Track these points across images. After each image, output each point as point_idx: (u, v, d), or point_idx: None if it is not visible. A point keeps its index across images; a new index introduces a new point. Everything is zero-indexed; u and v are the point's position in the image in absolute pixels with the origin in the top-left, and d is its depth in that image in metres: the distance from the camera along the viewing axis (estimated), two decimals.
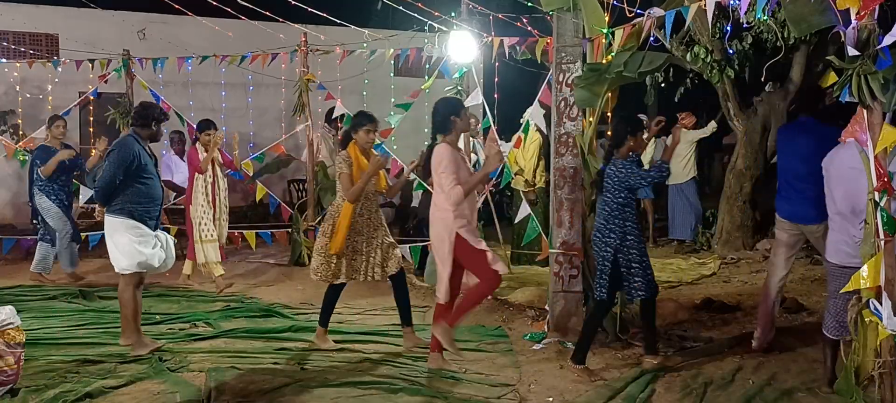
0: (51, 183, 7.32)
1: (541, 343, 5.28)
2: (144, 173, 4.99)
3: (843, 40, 3.76)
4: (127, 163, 4.91)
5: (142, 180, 4.98)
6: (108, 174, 4.91)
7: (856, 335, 3.90)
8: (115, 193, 4.94)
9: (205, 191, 7.09)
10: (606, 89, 5.28)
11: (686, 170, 9.61)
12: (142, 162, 4.99)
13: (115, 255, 5.00)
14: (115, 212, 4.95)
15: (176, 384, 4.35)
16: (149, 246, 4.98)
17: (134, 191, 4.95)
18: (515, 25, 7.83)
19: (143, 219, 4.98)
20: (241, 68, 9.28)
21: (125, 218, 4.93)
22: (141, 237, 4.96)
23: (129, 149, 4.96)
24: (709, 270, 8.14)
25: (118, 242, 4.96)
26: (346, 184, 4.99)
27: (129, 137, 5.10)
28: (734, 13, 6.55)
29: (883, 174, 3.70)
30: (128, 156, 4.93)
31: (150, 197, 5.03)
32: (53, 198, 7.32)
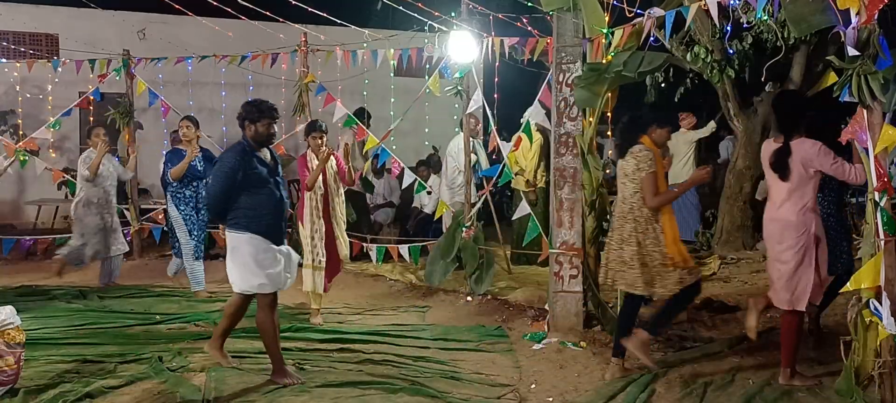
0: (183, 189, 6.88)
1: (541, 343, 5.28)
2: (253, 181, 4.42)
3: (843, 40, 3.76)
4: (227, 173, 4.37)
5: (252, 189, 4.42)
6: (212, 186, 4.46)
7: (856, 335, 3.90)
8: (228, 206, 4.43)
9: (315, 206, 6.04)
10: (606, 89, 5.28)
11: (686, 170, 9.61)
12: (249, 169, 4.41)
13: (233, 273, 4.49)
14: (233, 226, 4.44)
15: (176, 384, 4.35)
16: (272, 264, 4.44)
17: (246, 201, 4.41)
18: (515, 25, 7.82)
19: (262, 233, 4.42)
20: (241, 68, 9.28)
21: (242, 232, 4.40)
22: (263, 253, 4.42)
23: (229, 158, 4.42)
24: (709, 270, 8.13)
25: (236, 259, 4.45)
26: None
27: (237, 143, 4.57)
28: (734, 13, 6.55)
29: (883, 174, 3.70)
30: (226, 168, 4.38)
31: (265, 207, 4.45)
32: (182, 208, 6.89)
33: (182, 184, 6.87)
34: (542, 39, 6.86)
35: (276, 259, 4.46)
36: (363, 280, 7.88)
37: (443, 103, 9.56)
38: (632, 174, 4.45)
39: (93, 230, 7.15)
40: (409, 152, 10.75)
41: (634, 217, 4.44)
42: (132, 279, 7.77)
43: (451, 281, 7.11)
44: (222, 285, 7.46)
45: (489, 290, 6.82)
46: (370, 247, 8.20)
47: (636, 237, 4.42)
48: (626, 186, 4.50)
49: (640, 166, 4.41)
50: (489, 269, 6.81)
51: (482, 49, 7.03)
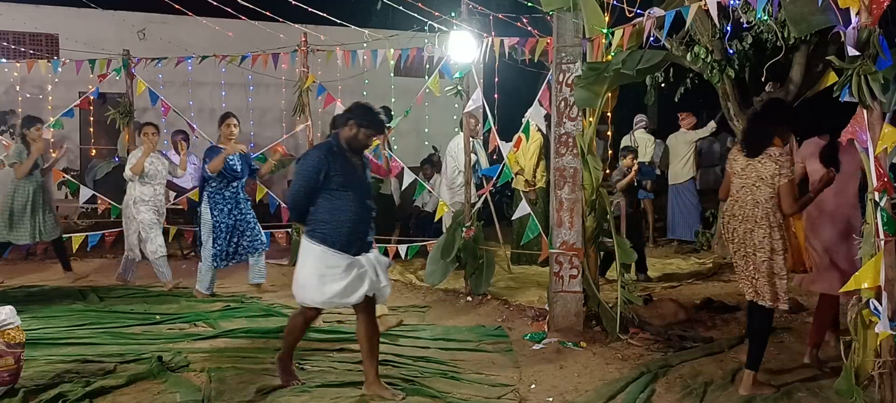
0: (222, 189, 6.71)
1: (541, 343, 5.28)
2: (336, 185, 4.09)
3: (843, 40, 3.76)
4: (309, 172, 4.07)
5: (333, 194, 4.09)
6: (293, 185, 4.18)
7: (856, 335, 3.90)
8: (307, 210, 4.14)
9: None
10: (606, 89, 5.28)
11: (686, 170, 9.62)
12: (333, 171, 4.08)
13: (296, 282, 4.24)
14: (309, 234, 4.14)
15: (176, 384, 4.35)
16: (336, 280, 4.08)
17: (325, 207, 4.08)
18: (515, 25, 7.83)
19: (338, 244, 4.08)
20: (240, 68, 9.28)
21: (315, 243, 4.10)
22: (330, 268, 4.08)
23: (312, 158, 4.12)
24: (709, 270, 8.15)
25: (302, 268, 4.17)
26: None
27: (325, 141, 4.31)
28: (734, 13, 6.55)
29: (883, 174, 3.70)
30: (310, 166, 4.08)
31: (345, 215, 4.09)
32: (216, 213, 6.71)
33: (220, 184, 6.70)
34: (542, 39, 6.86)
35: (343, 274, 4.09)
36: None
37: (443, 103, 9.56)
38: (770, 178, 4.15)
39: (150, 224, 7.09)
40: (409, 152, 10.75)
41: (768, 223, 4.16)
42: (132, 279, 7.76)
43: (451, 281, 7.11)
44: (222, 284, 7.48)
45: (489, 290, 6.82)
46: None
47: (768, 244, 4.18)
48: (760, 190, 4.19)
49: (781, 171, 4.13)
50: (489, 269, 6.81)
51: (482, 49, 7.04)
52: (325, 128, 10.66)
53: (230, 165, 6.70)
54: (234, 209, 6.81)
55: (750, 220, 4.23)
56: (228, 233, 6.78)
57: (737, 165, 4.35)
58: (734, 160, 4.38)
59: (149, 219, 7.13)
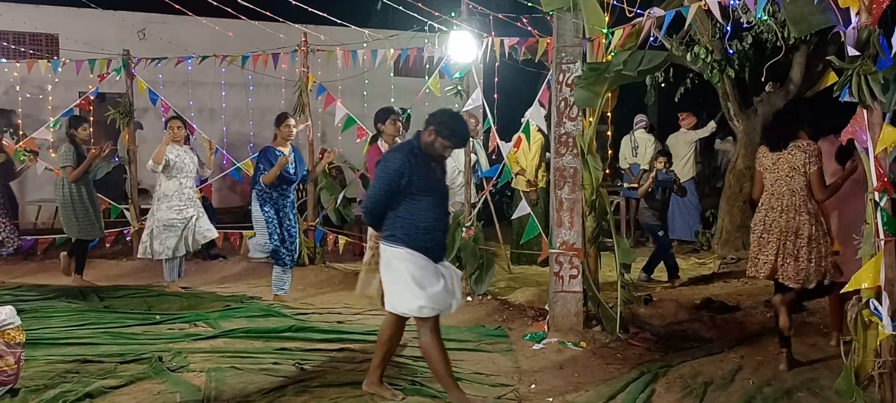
0: (270, 190, 6.55)
1: (541, 343, 5.28)
2: (418, 189, 3.93)
3: (843, 40, 3.76)
4: (392, 175, 3.90)
5: (415, 198, 3.92)
6: (374, 188, 4.00)
7: (856, 335, 3.90)
8: (384, 214, 3.98)
9: None
10: (606, 89, 5.28)
11: (685, 170, 9.62)
12: (415, 174, 3.92)
13: (390, 292, 4.06)
14: (389, 239, 3.97)
15: (176, 384, 4.35)
16: (433, 283, 3.93)
17: (406, 211, 3.92)
18: (515, 25, 7.82)
19: (421, 248, 3.93)
20: (240, 68, 9.28)
21: (398, 247, 3.92)
22: (422, 271, 3.93)
23: (396, 159, 3.95)
24: (708, 270, 8.15)
25: (392, 277, 4.00)
26: None
27: (407, 142, 4.11)
28: (734, 13, 6.55)
29: (883, 174, 3.70)
30: (391, 169, 3.91)
31: (427, 220, 3.95)
32: (267, 208, 6.56)
33: (270, 186, 6.55)
34: (542, 39, 6.86)
35: (437, 277, 3.95)
36: None
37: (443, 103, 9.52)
38: (801, 167, 4.52)
39: (162, 225, 6.99)
40: None
41: (807, 209, 4.53)
42: (132, 279, 7.77)
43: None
44: (222, 284, 7.49)
45: (489, 290, 6.82)
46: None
47: (809, 230, 4.51)
48: (794, 179, 4.55)
49: (810, 160, 4.51)
50: (489, 269, 6.81)
51: (482, 49, 7.04)
52: (325, 128, 10.72)
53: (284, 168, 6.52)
54: (283, 209, 6.67)
55: (790, 209, 4.55)
56: (283, 230, 6.64)
57: (766, 161, 4.67)
58: (763, 157, 4.70)
59: (166, 219, 6.99)
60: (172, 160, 6.95)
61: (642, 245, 9.91)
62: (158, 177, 7.06)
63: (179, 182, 7.04)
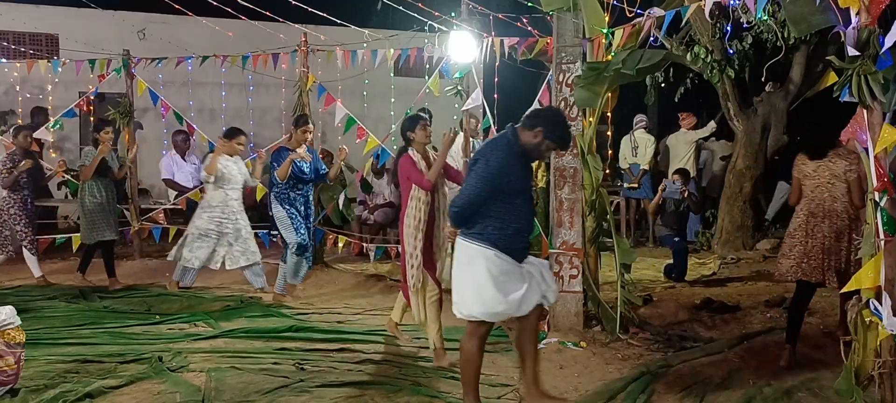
0: (288, 190, 6.57)
1: (541, 343, 5.26)
2: (514, 188, 3.78)
3: (843, 40, 3.76)
4: (495, 173, 3.70)
5: (509, 197, 3.75)
6: (472, 185, 3.72)
7: (856, 335, 3.90)
8: (475, 213, 3.74)
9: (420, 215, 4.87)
10: (606, 89, 5.28)
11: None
12: (513, 173, 3.77)
13: (462, 293, 3.83)
14: (475, 237, 3.75)
15: (176, 384, 4.35)
16: (514, 288, 3.76)
17: (498, 210, 3.73)
18: (515, 25, 7.82)
19: (508, 249, 3.76)
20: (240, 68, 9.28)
21: (484, 246, 3.72)
22: (505, 275, 3.75)
23: (499, 156, 3.73)
24: (709, 270, 8.15)
25: (471, 276, 3.78)
26: None
27: (503, 137, 3.86)
28: (734, 13, 6.55)
29: (883, 174, 3.70)
30: (494, 167, 3.70)
31: (518, 220, 3.80)
32: (287, 206, 6.57)
33: (286, 186, 6.54)
34: (542, 39, 6.85)
35: (521, 281, 3.79)
36: (363, 280, 7.87)
37: (443, 103, 9.56)
38: (842, 174, 4.69)
39: (196, 234, 6.91)
40: None
41: (848, 215, 4.70)
42: (132, 279, 7.77)
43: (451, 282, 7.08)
44: (222, 284, 7.48)
45: None
46: (369, 247, 8.20)
47: (850, 235, 4.69)
48: (835, 186, 4.72)
49: (851, 167, 4.65)
50: None
51: (482, 49, 7.04)
52: (326, 129, 10.72)
53: (296, 166, 6.51)
54: (300, 207, 6.64)
55: (832, 215, 4.73)
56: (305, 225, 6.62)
57: (807, 168, 4.84)
58: (803, 164, 4.85)
59: (203, 228, 6.91)
60: (221, 170, 6.86)
61: (642, 245, 9.92)
62: (207, 186, 7.03)
63: (225, 193, 6.93)
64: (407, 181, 4.88)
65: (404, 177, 4.90)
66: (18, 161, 7.31)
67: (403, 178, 4.91)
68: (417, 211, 4.83)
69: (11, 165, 7.29)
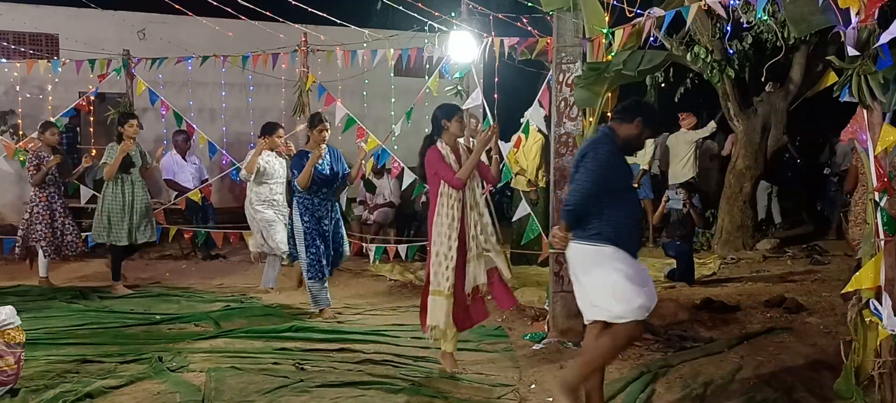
0: (311, 196, 6.06)
1: (541, 343, 5.28)
2: (621, 184, 3.76)
3: (843, 40, 3.76)
4: (602, 167, 3.63)
5: (618, 193, 3.70)
6: (583, 183, 3.65)
7: (856, 335, 3.90)
8: (588, 212, 3.66)
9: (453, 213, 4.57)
10: (606, 89, 5.28)
11: (685, 170, 9.62)
12: (619, 168, 3.77)
13: (595, 298, 3.73)
14: (593, 238, 3.66)
15: (176, 384, 4.35)
16: (646, 281, 3.73)
17: (610, 207, 3.66)
18: (515, 25, 7.83)
19: (625, 247, 3.69)
20: (240, 68, 9.28)
21: (606, 245, 3.64)
22: (634, 269, 3.69)
23: (604, 151, 3.69)
24: (709, 270, 8.14)
25: (605, 279, 3.67)
26: None
27: (603, 135, 3.82)
28: (734, 13, 6.55)
29: (883, 174, 3.70)
30: (604, 162, 3.65)
31: (630, 217, 3.75)
32: (307, 218, 6.08)
33: (309, 190, 6.04)
34: (542, 39, 6.86)
35: (645, 271, 3.77)
36: (363, 279, 7.88)
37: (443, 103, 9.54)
38: None
39: (269, 221, 6.88)
40: (409, 152, 10.74)
41: None
42: (133, 279, 7.76)
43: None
44: (222, 284, 7.48)
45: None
46: (369, 247, 8.20)
47: None
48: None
49: None
50: None
51: (482, 49, 7.04)
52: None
53: (319, 169, 6.06)
54: (325, 218, 6.17)
55: None
56: (323, 241, 6.13)
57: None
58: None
59: (270, 216, 6.91)
60: (263, 166, 6.82)
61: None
62: (249, 185, 6.96)
63: (270, 187, 6.93)
64: (434, 176, 4.56)
65: (432, 172, 4.58)
66: (45, 158, 7.25)
67: (430, 173, 4.60)
68: (450, 209, 4.51)
69: (38, 162, 7.23)
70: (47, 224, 7.33)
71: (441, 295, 4.49)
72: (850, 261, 7.65)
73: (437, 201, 4.55)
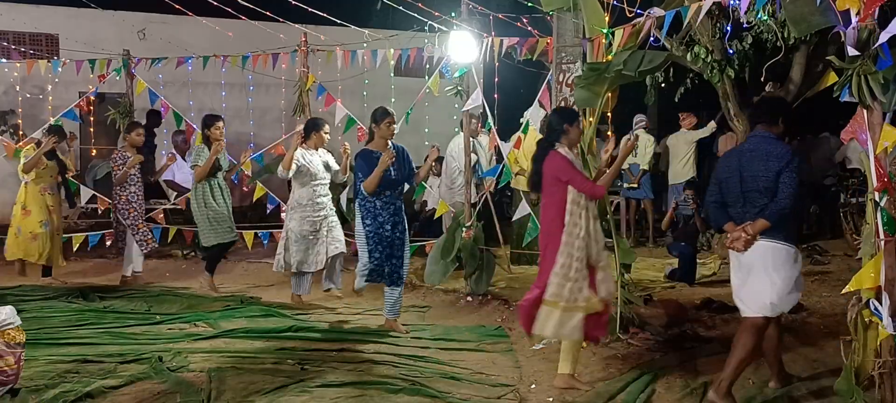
0: (374, 198, 5.49)
1: (541, 343, 5.27)
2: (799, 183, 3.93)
3: (843, 40, 3.76)
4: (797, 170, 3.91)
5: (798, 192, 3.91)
6: (795, 186, 3.87)
7: (856, 335, 3.90)
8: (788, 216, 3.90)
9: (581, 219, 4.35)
10: (606, 89, 5.28)
11: (685, 170, 9.62)
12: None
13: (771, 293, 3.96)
14: (785, 239, 3.96)
15: (176, 384, 4.35)
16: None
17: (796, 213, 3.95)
18: (515, 25, 7.83)
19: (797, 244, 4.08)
20: (240, 68, 9.28)
21: (791, 246, 3.99)
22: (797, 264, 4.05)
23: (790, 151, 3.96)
24: (709, 270, 8.14)
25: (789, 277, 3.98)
26: None
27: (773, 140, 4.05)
28: (734, 13, 6.55)
29: (883, 174, 3.70)
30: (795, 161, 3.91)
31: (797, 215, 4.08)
32: (368, 222, 5.52)
33: (372, 194, 5.50)
34: (542, 39, 6.86)
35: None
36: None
37: (443, 103, 9.56)
38: None
39: (294, 236, 6.37)
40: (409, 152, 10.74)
41: None
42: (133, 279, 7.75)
43: (451, 281, 7.10)
44: (222, 284, 7.47)
45: (489, 290, 6.82)
46: None
47: None
48: None
49: None
50: (489, 269, 6.81)
51: (482, 49, 7.03)
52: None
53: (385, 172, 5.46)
54: (387, 221, 5.57)
55: None
56: (387, 245, 5.56)
57: None
58: None
59: (296, 230, 6.35)
60: (302, 165, 6.26)
61: (642, 245, 9.91)
62: (292, 184, 6.46)
63: (312, 189, 6.36)
64: (557, 182, 4.34)
65: (555, 179, 4.35)
66: (129, 158, 7.36)
67: (553, 180, 4.36)
68: (580, 219, 4.31)
69: (122, 162, 7.33)
70: (135, 217, 7.42)
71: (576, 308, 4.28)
72: (851, 261, 7.66)
73: (567, 210, 4.32)
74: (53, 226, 7.56)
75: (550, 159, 4.39)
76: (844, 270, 7.49)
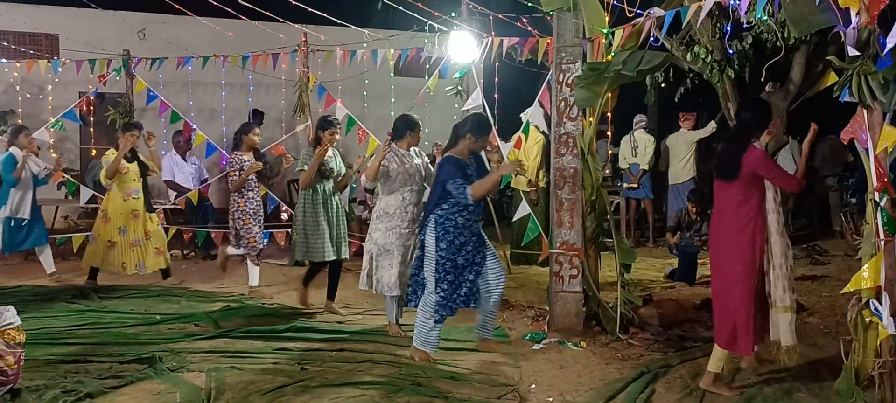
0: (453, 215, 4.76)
1: (541, 343, 5.28)
2: None
3: (843, 40, 3.76)
4: None
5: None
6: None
7: (856, 335, 3.90)
8: None
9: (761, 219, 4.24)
10: (606, 89, 5.28)
11: (685, 170, 9.62)
12: None
13: None
14: None
15: (176, 384, 4.35)
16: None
17: None
18: (515, 25, 7.83)
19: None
20: (240, 68, 9.29)
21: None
22: None
23: None
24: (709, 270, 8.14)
25: None
26: None
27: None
28: (734, 13, 6.55)
29: (883, 174, 3.70)
30: None
31: None
32: (443, 245, 4.72)
33: (453, 208, 4.77)
34: (542, 39, 6.86)
35: None
36: None
37: (443, 103, 9.56)
38: None
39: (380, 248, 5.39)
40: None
41: None
42: (133, 279, 7.75)
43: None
44: (222, 284, 7.48)
45: None
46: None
47: None
48: None
49: None
50: None
51: (482, 49, 7.04)
52: None
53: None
54: (467, 243, 4.81)
55: None
56: (459, 273, 4.81)
57: None
58: None
59: (383, 242, 5.36)
60: (392, 170, 5.34)
61: (642, 245, 9.92)
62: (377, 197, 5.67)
63: (402, 196, 5.38)
64: (755, 178, 4.14)
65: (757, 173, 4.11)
66: (247, 162, 6.90)
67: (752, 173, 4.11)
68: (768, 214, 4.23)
69: (240, 167, 6.86)
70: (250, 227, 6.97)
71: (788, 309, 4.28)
72: (851, 261, 7.66)
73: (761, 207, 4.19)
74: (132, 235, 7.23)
75: (753, 154, 4.11)
76: (844, 270, 7.49)
